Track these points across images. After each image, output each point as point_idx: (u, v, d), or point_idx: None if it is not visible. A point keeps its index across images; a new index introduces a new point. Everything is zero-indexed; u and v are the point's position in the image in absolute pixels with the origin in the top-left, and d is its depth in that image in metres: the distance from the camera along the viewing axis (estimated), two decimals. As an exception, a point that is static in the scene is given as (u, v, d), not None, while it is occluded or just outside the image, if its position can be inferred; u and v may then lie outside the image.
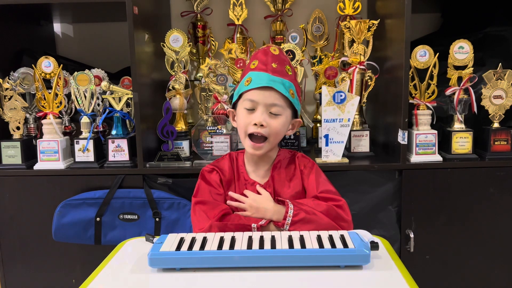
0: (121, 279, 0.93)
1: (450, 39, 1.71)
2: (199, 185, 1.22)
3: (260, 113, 1.14)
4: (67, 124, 1.97)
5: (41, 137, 1.77)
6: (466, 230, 1.69)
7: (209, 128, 1.73)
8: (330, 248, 0.92)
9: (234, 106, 1.24)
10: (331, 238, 0.97)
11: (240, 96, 1.19)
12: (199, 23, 2.14)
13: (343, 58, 1.89)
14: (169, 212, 1.67)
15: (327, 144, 1.68)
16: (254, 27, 2.20)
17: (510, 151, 1.70)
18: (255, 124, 1.14)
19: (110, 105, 1.76)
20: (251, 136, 1.17)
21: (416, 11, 1.60)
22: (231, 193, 1.20)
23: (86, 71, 1.74)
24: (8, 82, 1.79)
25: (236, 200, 1.19)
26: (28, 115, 1.89)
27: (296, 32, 1.97)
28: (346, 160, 1.70)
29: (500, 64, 1.69)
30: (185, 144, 1.82)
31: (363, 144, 1.82)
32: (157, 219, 1.67)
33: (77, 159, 1.73)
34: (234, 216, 1.16)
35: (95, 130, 1.80)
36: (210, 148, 1.73)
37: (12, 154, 1.75)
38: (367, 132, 1.82)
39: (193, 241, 0.98)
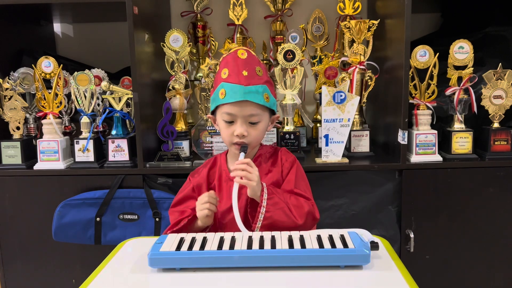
0: (121, 279, 0.93)
1: (450, 39, 1.71)
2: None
3: (239, 124, 1.17)
4: (67, 124, 1.97)
5: (41, 137, 1.77)
6: (466, 230, 1.69)
7: (209, 128, 1.73)
8: (330, 248, 0.92)
9: (213, 113, 1.25)
10: (331, 238, 0.97)
11: (217, 106, 1.21)
12: (199, 23, 2.14)
13: (343, 58, 1.89)
14: (169, 212, 1.67)
15: (327, 144, 1.68)
16: (254, 27, 2.20)
17: (510, 151, 1.70)
18: (237, 135, 1.17)
19: (110, 105, 1.76)
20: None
21: (416, 11, 1.60)
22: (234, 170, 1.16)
23: (86, 71, 1.74)
24: (8, 82, 1.79)
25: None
26: (28, 115, 1.89)
27: (296, 32, 1.97)
28: (346, 160, 1.70)
29: (500, 64, 1.68)
30: (185, 144, 1.82)
31: (363, 144, 1.82)
32: (157, 219, 1.67)
33: (77, 159, 1.73)
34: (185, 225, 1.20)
35: (95, 130, 1.80)
36: (210, 148, 1.73)
37: (12, 154, 1.75)
38: (367, 132, 1.82)
39: (193, 241, 0.98)
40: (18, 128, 1.78)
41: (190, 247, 0.95)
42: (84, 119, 1.74)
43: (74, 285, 1.75)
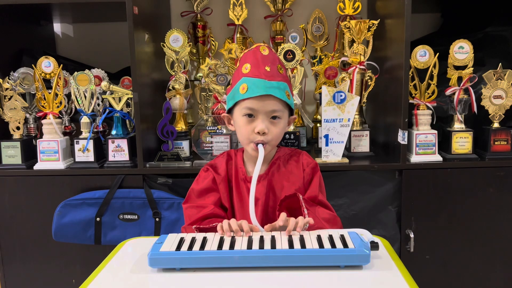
0: (121, 279, 0.93)
1: (450, 39, 1.71)
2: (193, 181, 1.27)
3: (261, 121, 1.14)
4: (67, 124, 1.97)
5: (41, 137, 1.77)
6: (466, 230, 1.69)
7: (209, 128, 1.73)
8: (330, 248, 0.92)
9: (229, 111, 1.23)
10: (331, 238, 0.97)
11: (236, 102, 1.18)
12: (199, 23, 2.14)
13: (343, 58, 1.90)
14: (169, 212, 1.67)
15: (327, 144, 1.68)
16: (254, 27, 2.20)
17: (510, 151, 1.70)
18: (258, 132, 1.14)
19: (110, 105, 1.76)
20: None
21: (416, 11, 1.60)
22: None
23: (86, 71, 1.74)
24: (8, 82, 1.79)
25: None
26: (28, 115, 1.89)
27: (296, 32, 1.97)
28: (346, 160, 1.70)
29: (500, 64, 1.69)
30: (185, 144, 1.82)
31: (363, 144, 1.82)
32: (157, 219, 1.67)
33: (77, 159, 1.73)
34: (208, 221, 1.16)
35: (95, 130, 1.80)
36: (210, 148, 1.73)
37: (12, 154, 1.75)
38: (367, 132, 1.82)
39: (193, 241, 0.98)
40: (18, 128, 1.78)
41: (190, 247, 0.95)
42: (84, 119, 1.74)
43: (74, 285, 1.75)
